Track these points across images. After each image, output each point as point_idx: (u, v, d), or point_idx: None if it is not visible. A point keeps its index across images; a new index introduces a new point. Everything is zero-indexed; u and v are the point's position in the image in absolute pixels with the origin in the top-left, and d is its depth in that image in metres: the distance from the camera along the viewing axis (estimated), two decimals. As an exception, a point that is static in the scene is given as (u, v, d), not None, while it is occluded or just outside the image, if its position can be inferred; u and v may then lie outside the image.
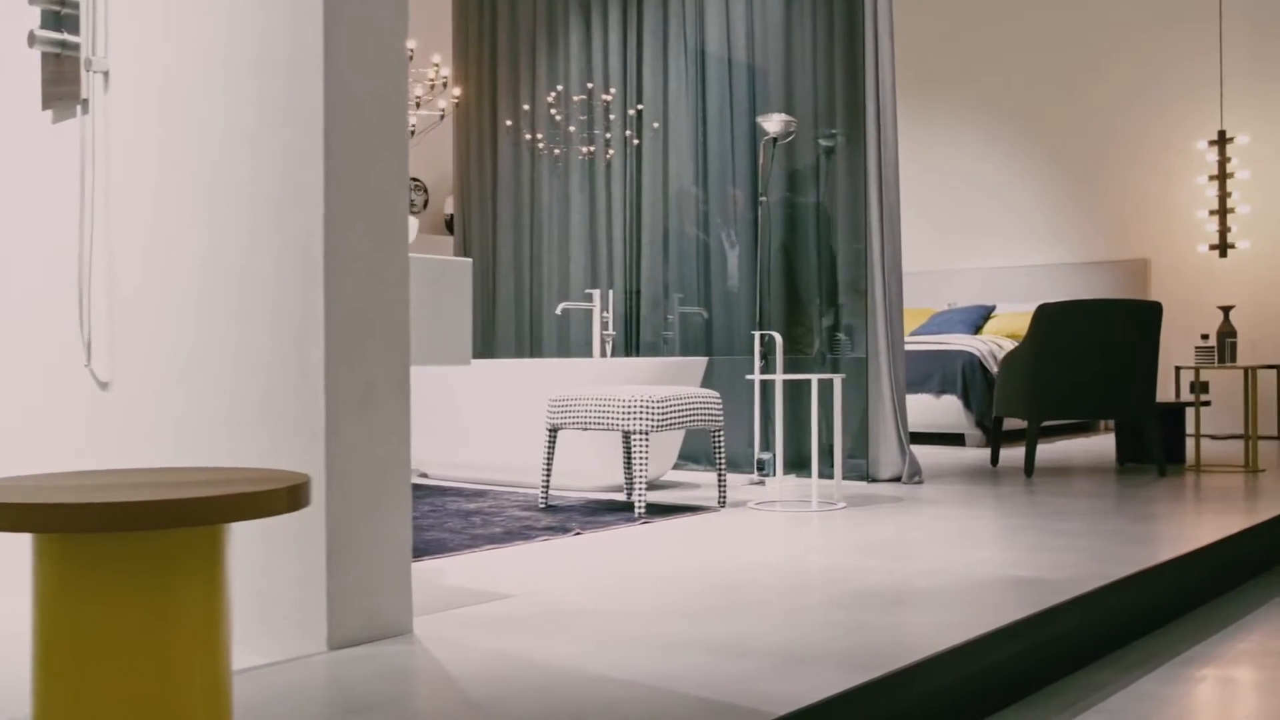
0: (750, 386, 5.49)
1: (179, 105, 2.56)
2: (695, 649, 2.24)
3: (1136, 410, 5.27)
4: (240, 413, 2.39)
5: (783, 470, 5.18)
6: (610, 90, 6.26)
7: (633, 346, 6.10)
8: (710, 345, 5.82)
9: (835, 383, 4.31)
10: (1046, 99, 8.94)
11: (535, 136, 6.60)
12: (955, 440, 7.42)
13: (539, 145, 6.58)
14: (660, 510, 4.18)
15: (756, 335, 5.09)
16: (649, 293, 6.06)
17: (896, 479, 5.04)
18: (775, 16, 5.61)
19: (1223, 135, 8.07)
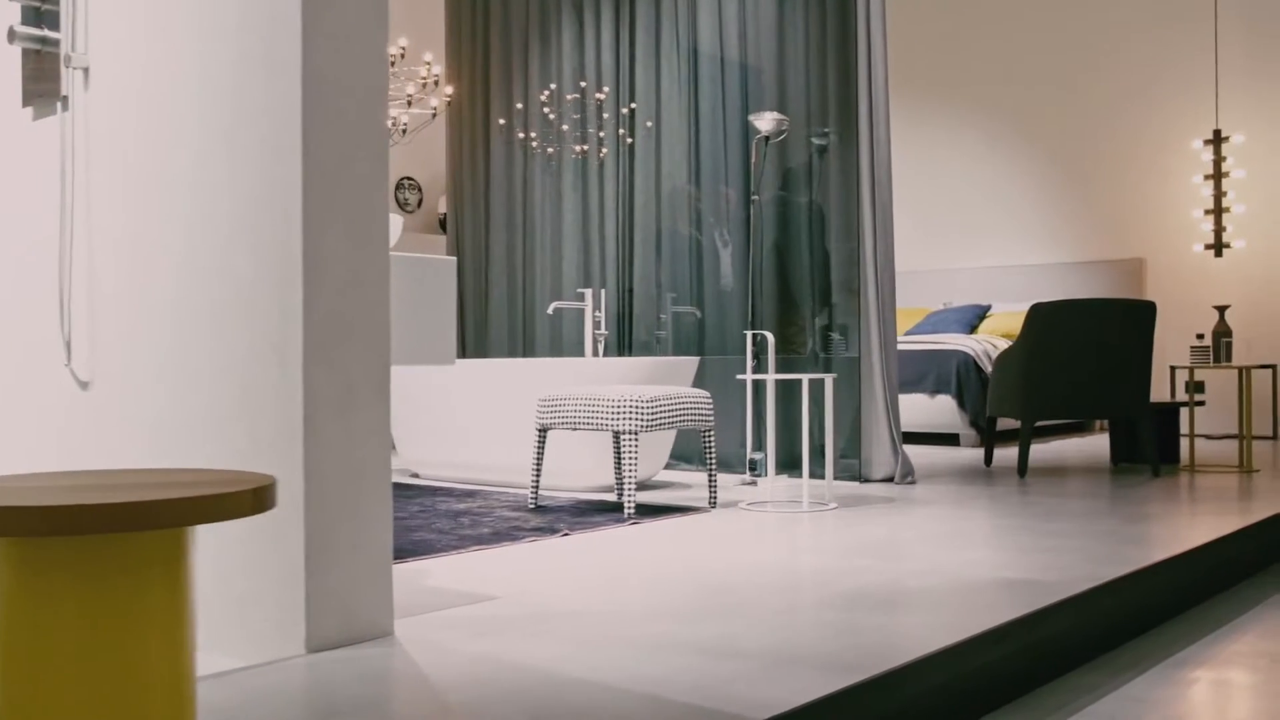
0: (743, 386, 5.46)
1: (157, 103, 2.53)
2: (682, 651, 2.21)
3: (1130, 410, 5.24)
4: (218, 413, 2.36)
5: (775, 470, 5.16)
6: (604, 89, 6.23)
7: (625, 346, 6.07)
8: (703, 345, 5.79)
9: (826, 382, 4.28)
10: (1043, 98, 8.92)
11: (528, 135, 6.57)
12: (950, 440, 7.39)
13: (532, 144, 6.55)
14: (650, 511, 4.15)
15: (748, 335, 5.06)
16: (642, 292, 6.03)
17: (889, 479, 5.01)
18: (768, 15, 5.58)
19: (1218, 135, 8.05)
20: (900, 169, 9.58)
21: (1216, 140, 8.06)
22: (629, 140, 6.13)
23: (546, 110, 6.50)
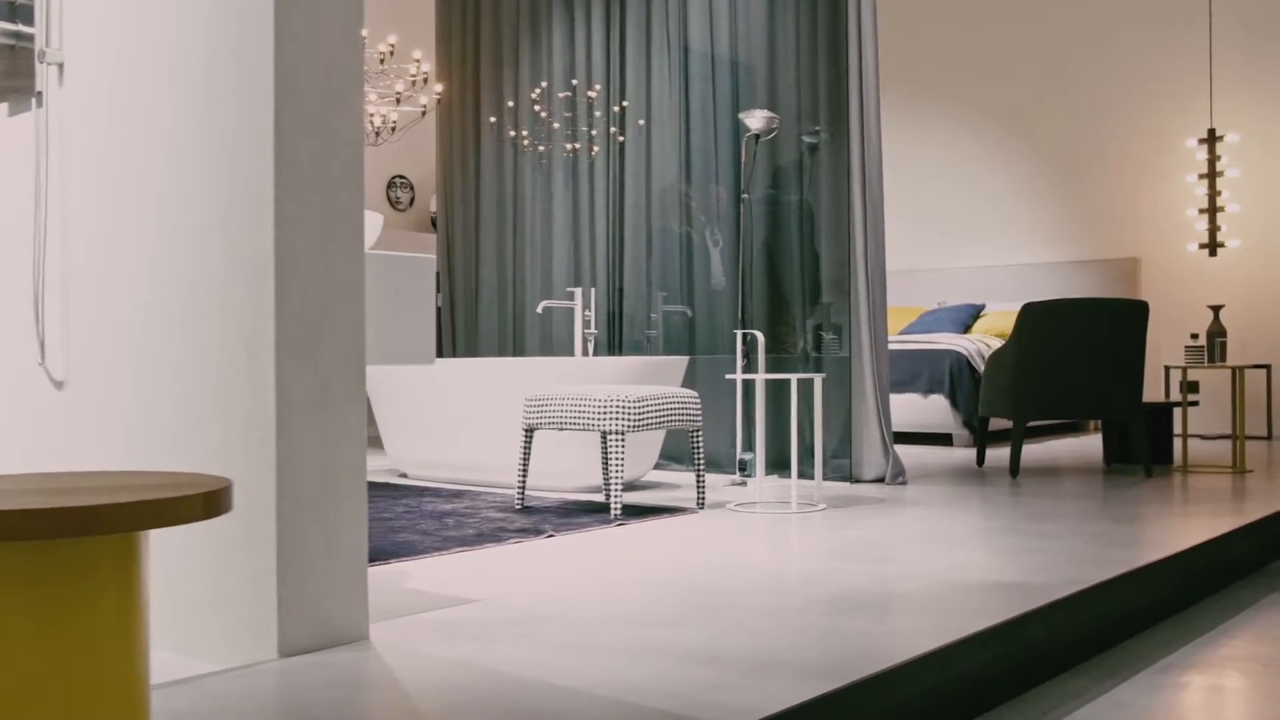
0: (734, 386, 5.42)
1: (129, 99, 2.49)
2: (660, 655, 2.17)
3: (1123, 410, 5.21)
4: (190, 413, 2.32)
5: (765, 471, 5.12)
6: (595, 87, 6.19)
7: (616, 345, 6.03)
8: (693, 344, 5.76)
9: (815, 382, 4.24)
10: (1038, 97, 8.88)
11: (519, 133, 6.53)
12: (943, 440, 7.35)
13: (523, 142, 6.51)
14: (637, 512, 4.11)
15: (738, 334, 5.03)
16: (632, 291, 5.99)
17: (880, 480, 4.98)
18: (758, 12, 5.54)
19: (1213, 134, 8.02)
20: (896, 168, 9.55)
21: (1211, 139, 8.03)
22: (620, 139, 6.09)
23: (537, 108, 6.46)
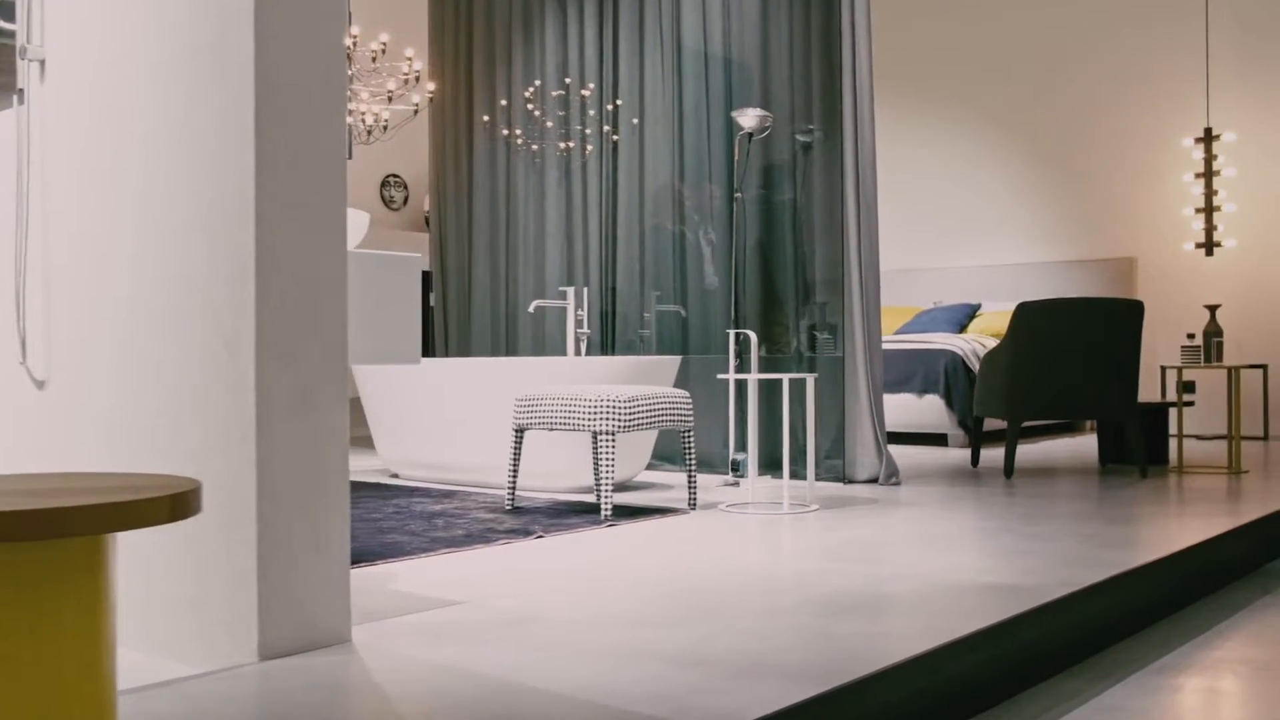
0: (727, 386, 5.39)
1: (110, 96, 2.46)
2: (648, 658, 2.14)
3: (1117, 410, 5.18)
4: (171, 412, 2.29)
5: (758, 471, 5.09)
6: (588, 85, 6.16)
7: (609, 345, 6.00)
8: (687, 344, 5.73)
9: (808, 382, 4.22)
10: (1034, 96, 8.86)
11: (512, 132, 6.50)
12: (938, 440, 7.33)
13: (516, 141, 6.48)
14: (628, 512, 4.08)
15: (731, 334, 5.00)
16: (625, 290, 5.96)
17: (873, 480, 4.95)
18: (752, 9, 5.51)
19: (1209, 132, 7.99)
20: (892, 167, 9.52)
21: (1207, 138, 8.00)
22: (614, 138, 6.06)
23: (530, 107, 6.43)
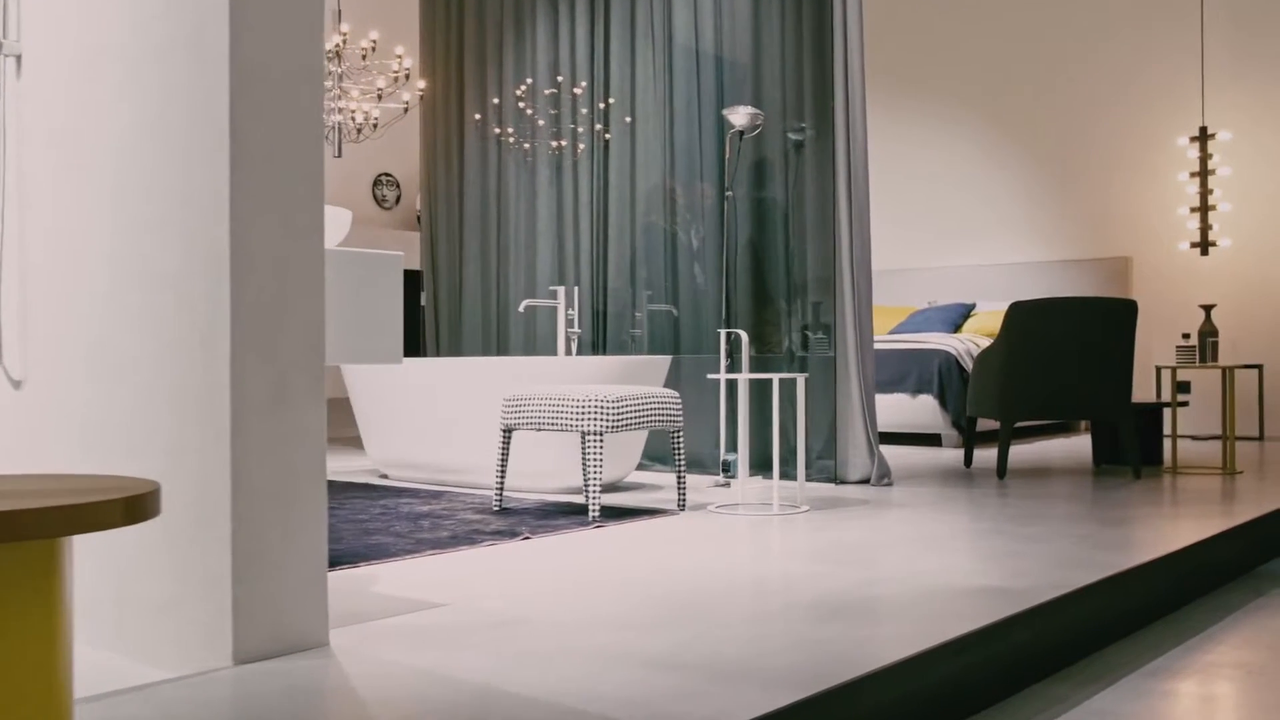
0: (718, 386, 5.36)
1: (87, 91, 2.43)
2: (626, 662, 2.11)
3: (1111, 411, 5.15)
4: (146, 412, 2.26)
5: (749, 472, 5.06)
6: (580, 84, 6.13)
7: (600, 344, 5.97)
8: (678, 343, 5.69)
9: (799, 382, 4.18)
10: (1029, 95, 8.83)
11: (504, 131, 6.46)
12: (932, 440, 7.30)
13: (507, 139, 6.44)
14: (616, 513, 4.05)
15: (722, 333, 4.97)
16: (617, 289, 5.93)
17: (865, 481, 4.92)
18: (744, 7, 5.48)
19: (1204, 131, 7.97)
20: (887, 167, 9.49)
21: (1203, 137, 7.98)
22: (606, 136, 6.03)
23: (522, 105, 6.39)
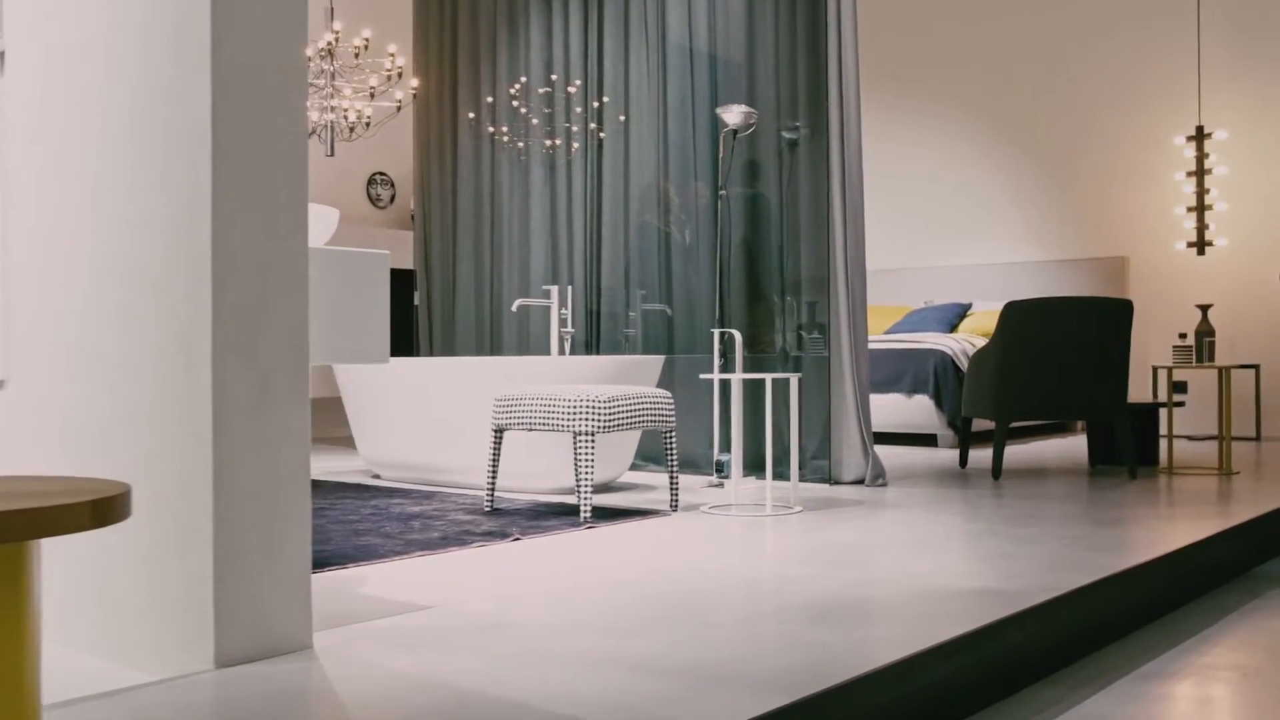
0: (712, 386, 5.34)
1: (70, 89, 2.40)
2: (611, 666, 2.09)
3: (1106, 411, 5.13)
4: (127, 413, 2.23)
5: (743, 472, 5.04)
6: (574, 82, 6.10)
7: (594, 344, 5.94)
8: (672, 343, 5.67)
9: (792, 382, 4.16)
10: (1026, 95, 8.81)
11: (498, 130, 6.44)
12: (928, 441, 7.28)
13: (502, 138, 6.42)
14: (609, 514, 4.03)
15: (716, 333, 4.94)
16: (611, 289, 5.91)
17: (859, 481, 4.89)
18: (738, 5, 5.45)
19: (1201, 131, 7.95)
20: (883, 166, 9.47)
21: (1199, 136, 7.95)
22: (600, 135, 6.00)
23: (516, 104, 6.37)
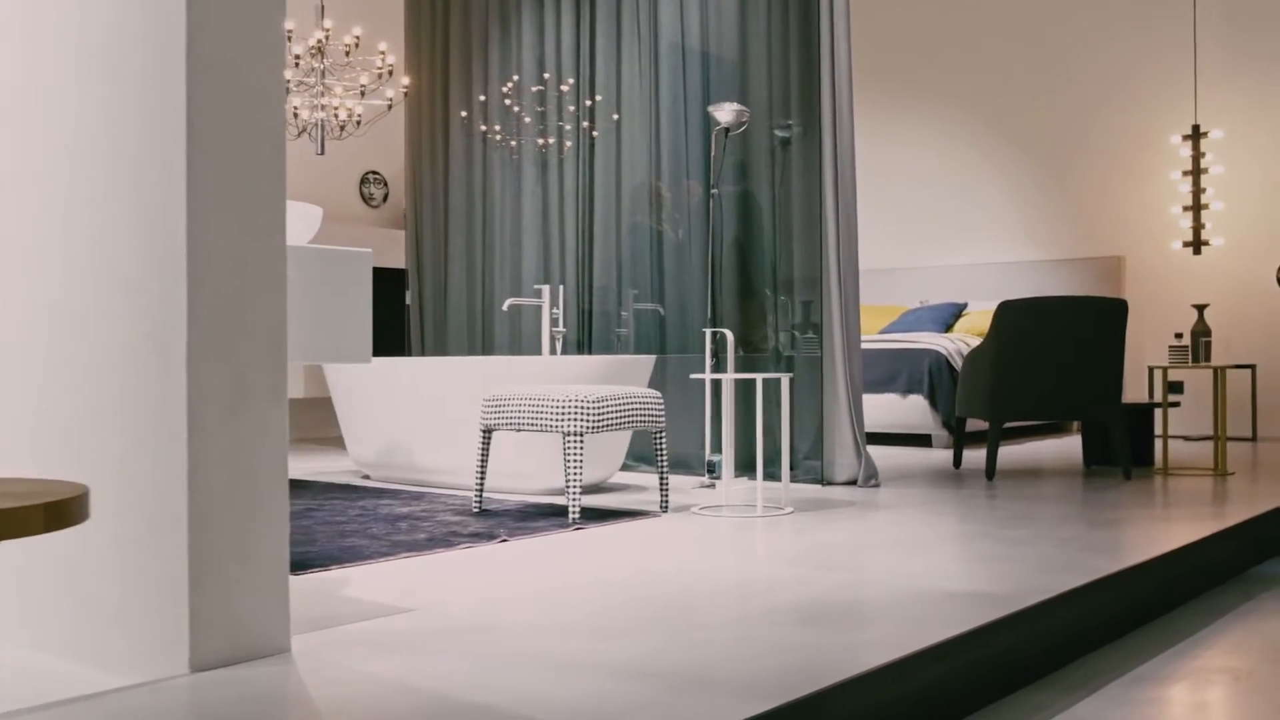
0: (703, 386, 5.30)
1: (41, 88, 2.36)
2: (594, 670, 2.05)
3: (1100, 411, 5.10)
4: (99, 413, 2.19)
5: (734, 472, 5.00)
6: (566, 81, 6.06)
7: (586, 343, 5.91)
8: (664, 342, 5.63)
9: (784, 382, 4.13)
10: (1022, 94, 8.78)
11: (490, 128, 6.40)
12: (922, 441, 7.24)
13: (494, 137, 6.38)
14: (598, 515, 3.99)
15: (708, 333, 4.91)
16: (603, 288, 5.87)
17: (852, 482, 4.86)
18: (730, 4, 5.42)
19: (1197, 130, 7.92)
20: (878, 165, 9.43)
21: (1195, 136, 7.93)
22: (592, 133, 5.96)
23: (508, 102, 6.33)
